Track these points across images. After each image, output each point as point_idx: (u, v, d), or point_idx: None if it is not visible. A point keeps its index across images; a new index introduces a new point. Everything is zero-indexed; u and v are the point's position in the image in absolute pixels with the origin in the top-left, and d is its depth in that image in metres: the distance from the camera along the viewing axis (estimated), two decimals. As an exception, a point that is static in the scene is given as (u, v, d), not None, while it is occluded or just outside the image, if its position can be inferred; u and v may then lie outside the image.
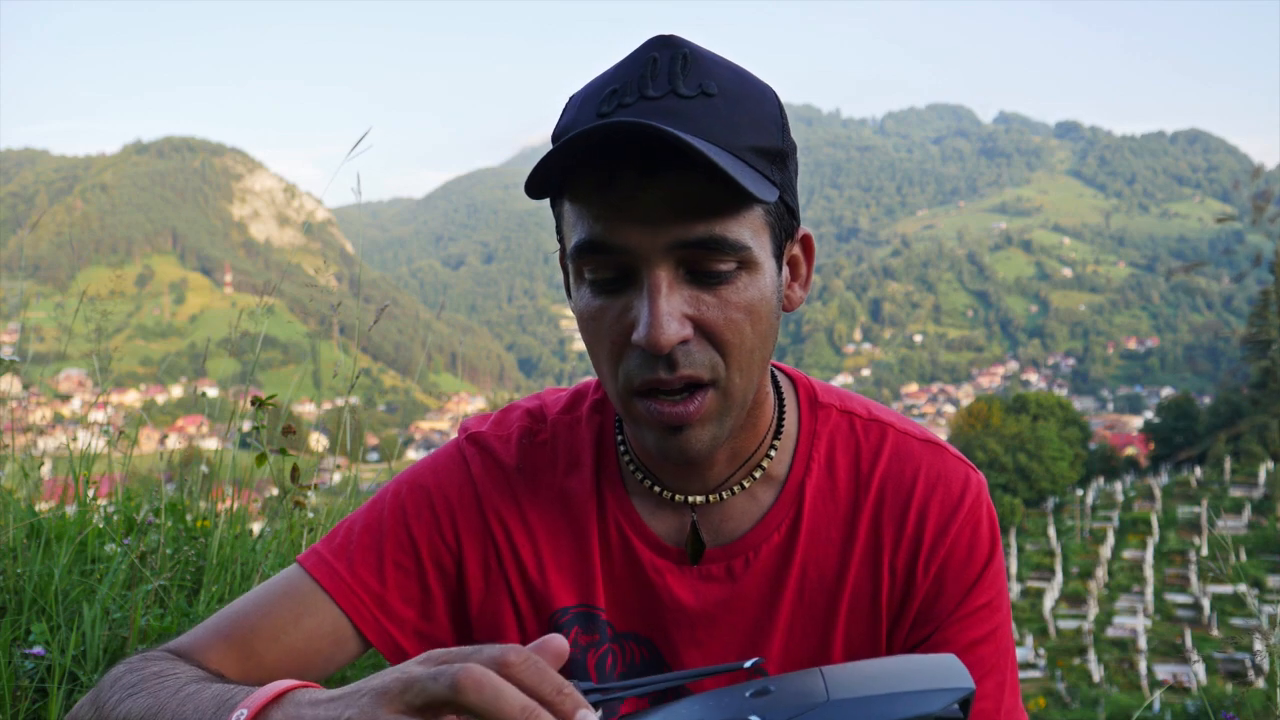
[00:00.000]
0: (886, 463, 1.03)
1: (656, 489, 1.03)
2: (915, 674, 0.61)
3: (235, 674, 0.97)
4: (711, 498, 1.02)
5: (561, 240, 0.97)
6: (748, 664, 0.69)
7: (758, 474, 1.02)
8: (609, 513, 1.04)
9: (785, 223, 0.93)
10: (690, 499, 1.02)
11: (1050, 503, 49.57)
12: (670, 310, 0.86)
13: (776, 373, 1.08)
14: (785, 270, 0.96)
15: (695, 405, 0.89)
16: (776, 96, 0.93)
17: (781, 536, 1.01)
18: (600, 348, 0.92)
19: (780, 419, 1.04)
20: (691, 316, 0.87)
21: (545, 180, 0.87)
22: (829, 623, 1.01)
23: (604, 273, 0.89)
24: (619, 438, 1.07)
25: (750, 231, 0.88)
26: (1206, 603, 32.24)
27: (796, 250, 0.99)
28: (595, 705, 0.64)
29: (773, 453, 1.03)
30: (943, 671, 0.61)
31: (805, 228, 1.00)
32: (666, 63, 0.87)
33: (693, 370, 0.88)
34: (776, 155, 0.90)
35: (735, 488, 1.01)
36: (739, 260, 0.87)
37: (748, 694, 0.62)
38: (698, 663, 1.02)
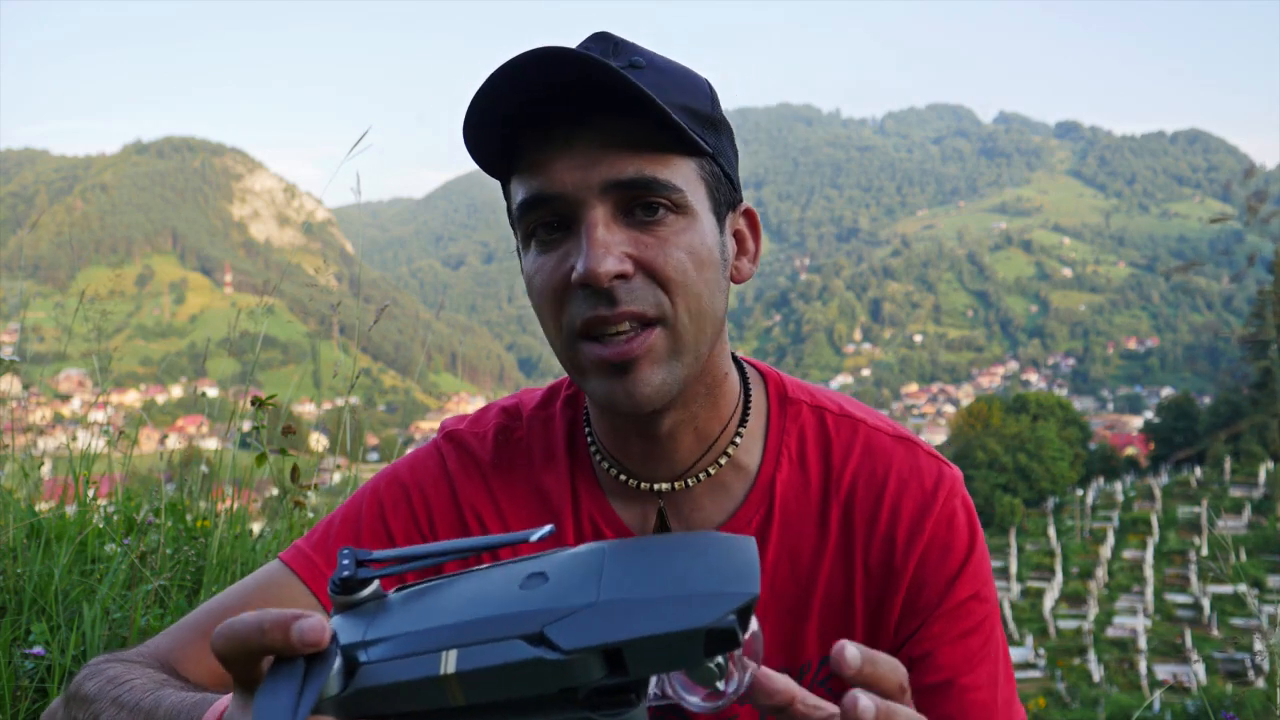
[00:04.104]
0: (858, 459, 1.03)
1: (624, 478, 1.03)
2: (699, 570, 0.56)
3: (214, 669, 0.96)
4: (678, 485, 1.02)
5: (514, 225, 0.99)
6: (535, 536, 0.62)
7: (724, 460, 1.02)
8: (583, 506, 1.05)
9: (723, 188, 0.96)
10: (657, 486, 1.02)
11: (1050, 503, 49.53)
12: (606, 242, 0.88)
13: (744, 364, 1.09)
14: (731, 241, 0.99)
15: (640, 341, 0.89)
16: (709, 83, 0.98)
17: (753, 531, 1.02)
18: (545, 301, 0.93)
19: (747, 408, 1.05)
20: (631, 255, 0.89)
21: (486, 141, 0.91)
22: (801, 616, 1.01)
23: (546, 229, 0.91)
24: (588, 430, 1.08)
25: (683, 179, 0.91)
26: (1206, 603, 32.25)
27: (741, 224, 1.02)
28: (372, 579, 0.61)
29: (738, 439, 1.03)
30: (728, 569, 0.56)
31: (749, 204, 1.03)
32: (598, 50, 0.93)
33: (636, 305, 0.89)
34: (707, 120, 0.94)
35: (702, 475, 1.02)
36: (672, 201, 0.90)
37: (519, 583, 0.58)
38: None
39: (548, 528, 0.62)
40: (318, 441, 4.38)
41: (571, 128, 0.89)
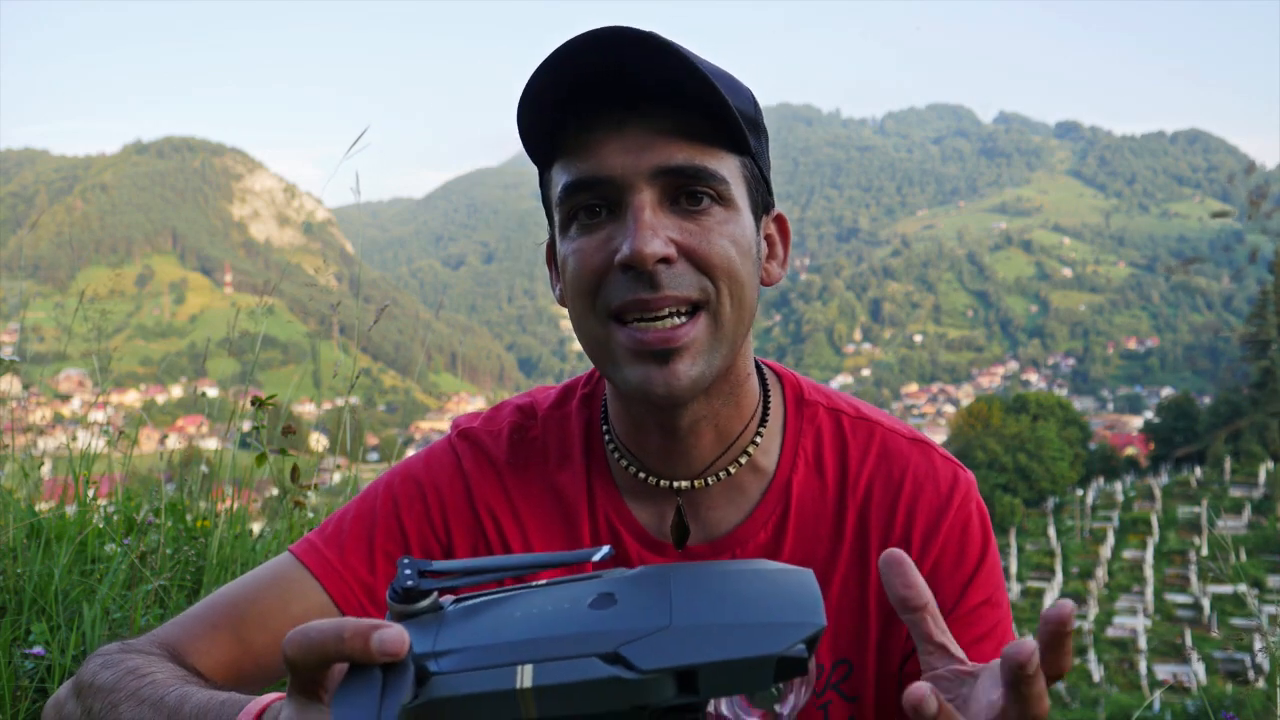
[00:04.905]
0: (875, 461, 1.03)
1: (642, 475, 1.03)
2: (767, 599, 0.58)
3: (224, 662, 0.97)
4: (697, 483, 1.02)
5: (550, 217, 0.98)
6: (597, 556, 0.63)
7: (743, 460, 1.02)
8: (598, 505, 1.05)
9: (761, 190, 0.97)
10: (676, 484, 1.02)
11: (1050, 503, 49.59)
12: (653, 224, 0.88)
13: (762, 365, 1.09)
14: (763, 243, 0.99)
15: (685, 330, 0.90)
16: (750, 89, 0.99)
17: (769, 533, 1.02)
18: (581, 282, 0.92)
19: (766, 409, 1.05)
20: (676, 241, 0.89)
21: (539, 122, 0.91)
22: None
23: (589, 212, 0.91)
24: (605, 428, 1.08)
25: (729, 172, 0.92)
26: (1206, 603, 32.28)
27: (772, 229, 1.03)
28: (433, 590, 0.62)
29: (758, 439, 1.03)
30: (795, 599, 0.58)
31: (780, 210, 1.04)
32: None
33: (678, 290, 0.89)
34: (751, 122, 0.95)
35: (721, 473, 1.02)
36: (718, 192, 0.91)
37: (589, 601, 0.59)
38: None
39: (606, 548, 0.63)
40: (318, 441, 4.38)
41: (623, 113, 0.89)
